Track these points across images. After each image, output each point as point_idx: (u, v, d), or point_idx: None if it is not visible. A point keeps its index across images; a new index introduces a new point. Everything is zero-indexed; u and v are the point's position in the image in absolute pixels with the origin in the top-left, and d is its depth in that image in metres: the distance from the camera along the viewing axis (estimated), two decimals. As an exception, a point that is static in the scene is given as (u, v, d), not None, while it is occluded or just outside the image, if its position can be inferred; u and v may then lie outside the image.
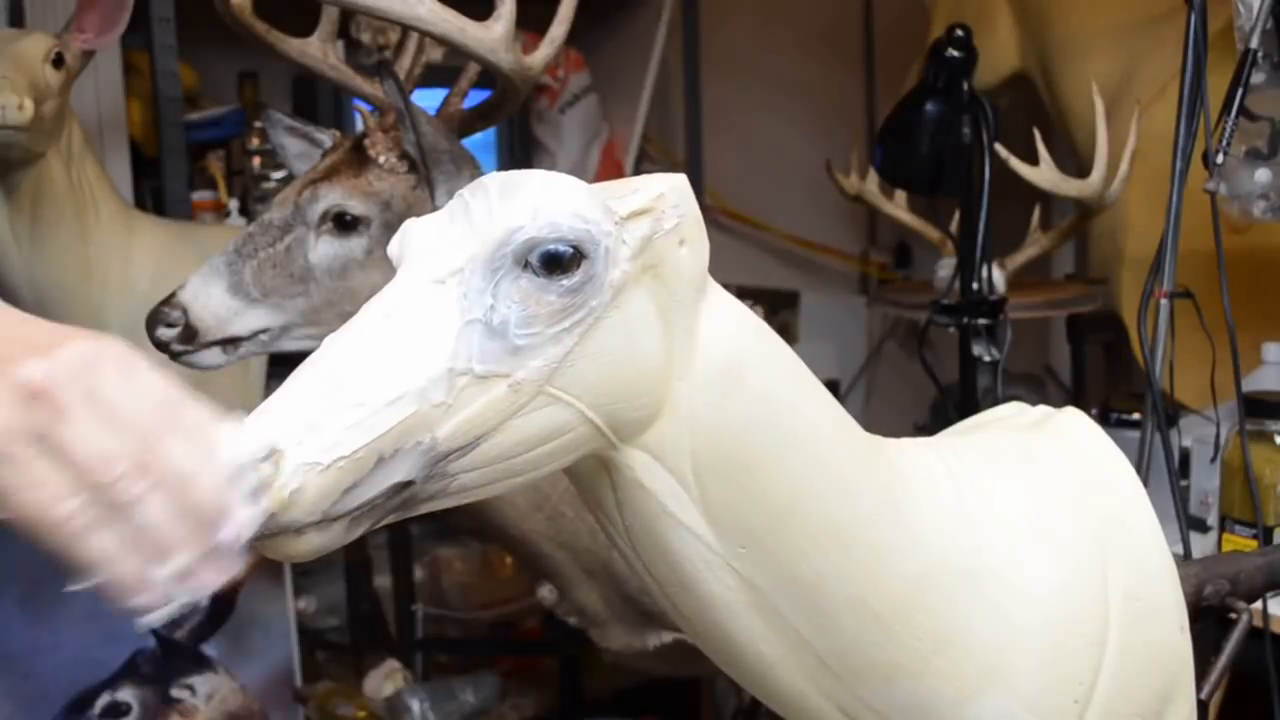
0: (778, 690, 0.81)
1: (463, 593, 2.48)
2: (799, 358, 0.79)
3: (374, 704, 2.07)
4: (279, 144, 1.51)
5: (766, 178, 3.30)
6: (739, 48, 3.19)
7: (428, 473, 0.65)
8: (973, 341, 1.74)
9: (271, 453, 0.60)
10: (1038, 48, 2.57)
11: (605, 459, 0.72)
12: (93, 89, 1.99)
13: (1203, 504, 1.67)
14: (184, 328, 1.32)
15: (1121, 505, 0.89)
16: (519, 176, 0.69)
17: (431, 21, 1.26)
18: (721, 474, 0.73)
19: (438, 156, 1.32)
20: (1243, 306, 1.41)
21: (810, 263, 3.49)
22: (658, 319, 0.70)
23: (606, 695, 2.30)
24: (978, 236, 1.72)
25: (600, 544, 1.47)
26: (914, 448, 0.87)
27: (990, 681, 0.82)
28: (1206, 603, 0.99)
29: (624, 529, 0.75)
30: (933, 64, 1.73)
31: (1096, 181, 1.96)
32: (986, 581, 0.83)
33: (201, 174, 2.32)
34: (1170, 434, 1.44)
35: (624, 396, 0.69)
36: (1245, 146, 1.53)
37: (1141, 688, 0.86)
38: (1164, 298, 1.45)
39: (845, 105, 3.45)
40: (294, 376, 0.64)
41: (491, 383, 0.65)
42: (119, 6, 1.71)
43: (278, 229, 1.35)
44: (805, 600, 0.77)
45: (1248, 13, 1.41)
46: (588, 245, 0.67)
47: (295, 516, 0.61)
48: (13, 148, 1.64)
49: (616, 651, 1.60)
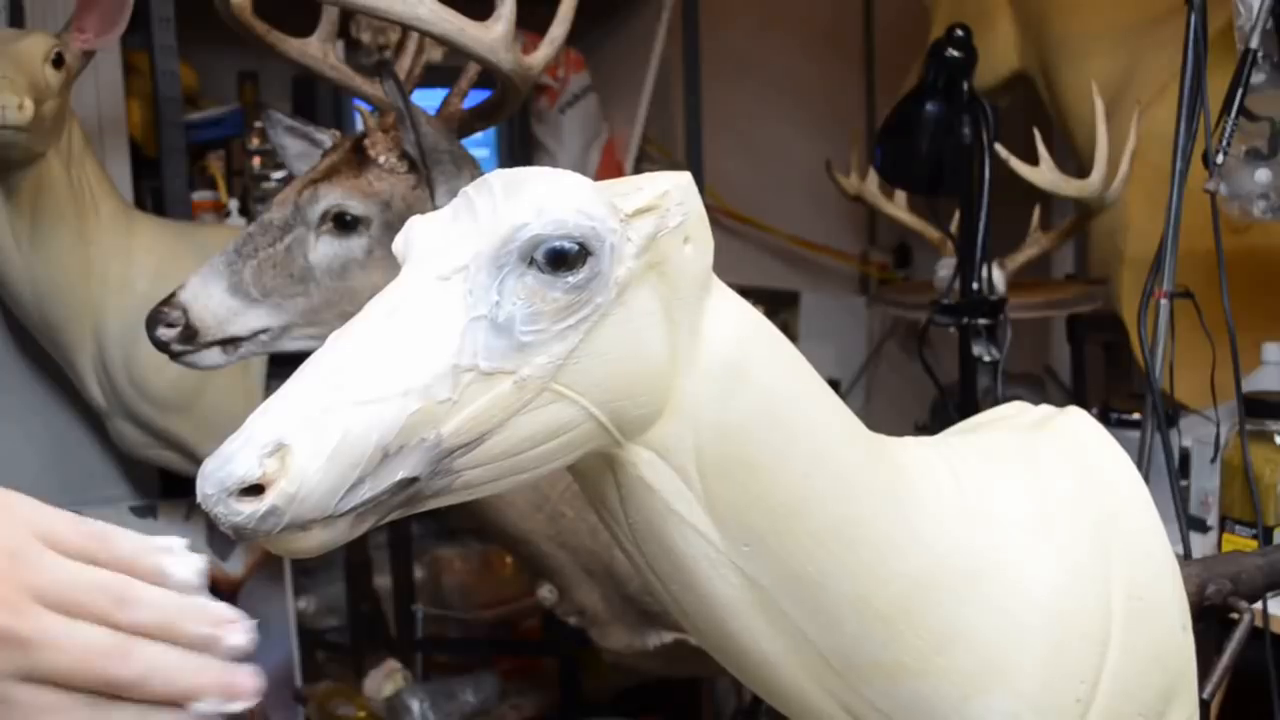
0: (780, 688, 0.81)
1: (463, 593, 2.47)
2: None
3: (374, 704, 2.07)
4: (279, 144, 1.51)
5: (766, 178, 3.30)
6: (739, 48, 3.19)
7: (433, 469, 0.65)
8: (973, 341, 1.74)
9: (277, 448, 0.60)
10: (1038, 48, 2.57)
11: (609, 456, 0.72)
12: (93, 89, 1.99)
13: (1203, 504, 1.67)
14: (184, 328, 1.32)
15: (1123, 504, 0.89)
16: (524, 174, 0.69)
17: (431, 21, 1.26)
18: (725, 471, 0.73)
19: (438, 156, 1.32)
20: (1243, 306, 1.41)
21: (810, 263, 3.49)
22: (662, 316, 0.70)
23: (606, 695, 2.29)
24: (978, 236, 1.72)
25: (601, 544, 1.47)
26: (916, 447, 0.87)
27: (993, 680, 0.82)
28: (1208, 602, 0.99)
29: (628, 526, 0.75)
30: (933, 64, 1.73)
31: (1096, 181, 1.96)
32: (989, 580, 0.83)
33: (201, 174, 2.31)
34: (1170, 434, 1.44)
35: (628, 393, 0.69)
36: (1245, 146, 1.53)
37: (1144, 687, 0.86)
38: (1164, 298, 1.45)
39: (845, 105, 3.44)
40: (299, 373, 0.64)
41: (496, 379, 0.65)
42: (119, 6, 1.71)
43: (278, 229, 1.35)
44: (808, 598, 0.77)
45: (1248, 13, 1.41)
46: (593, 242, 0.67)
47: (301, 512, 0.61)
48: (13, 148, 1.64)
49: (616, 651, 1.60)
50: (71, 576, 0.54)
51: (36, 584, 0.53)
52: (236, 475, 0.60)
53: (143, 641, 0.54)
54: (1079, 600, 0.85)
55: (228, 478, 0.60)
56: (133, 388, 1.87)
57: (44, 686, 0.53)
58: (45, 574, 0.53)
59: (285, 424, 0.61)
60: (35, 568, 0.53)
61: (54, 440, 2.03)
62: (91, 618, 0.54)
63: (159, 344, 1.33)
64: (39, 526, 0.54)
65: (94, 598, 0.54)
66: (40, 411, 2.02)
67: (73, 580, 0.54)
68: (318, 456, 0.61)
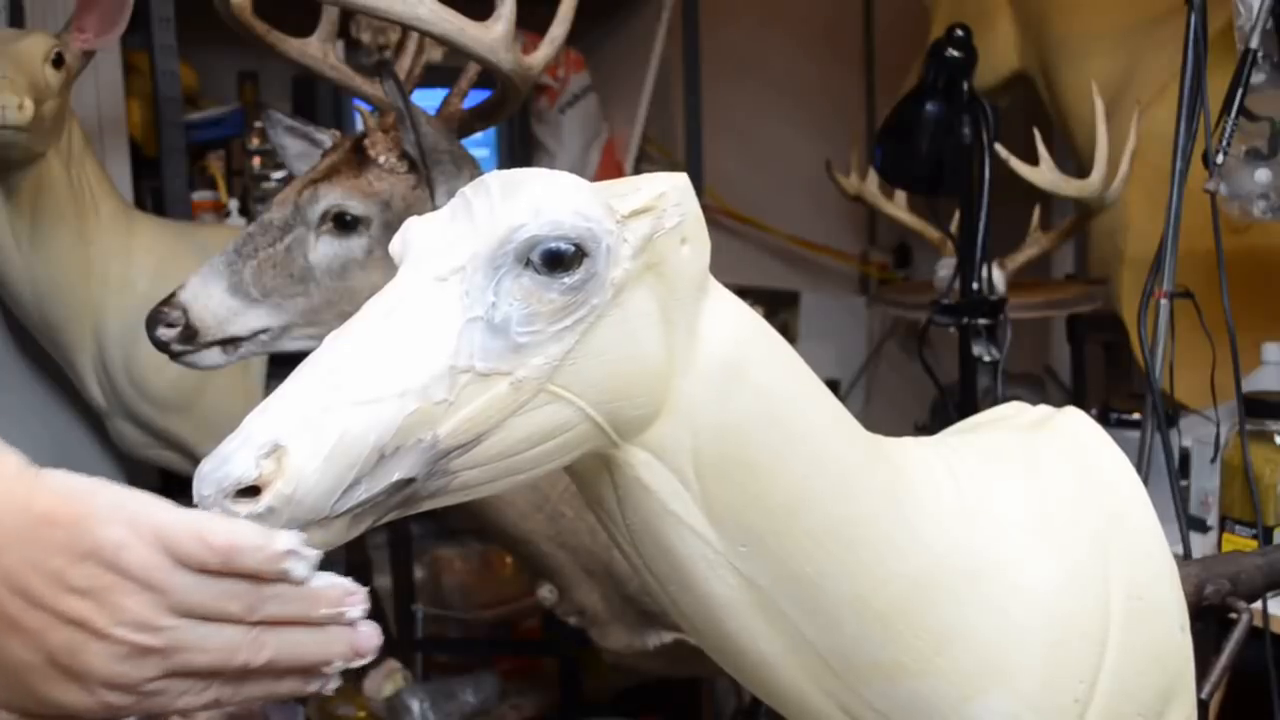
0: (779, 689, 0.81)
1: (463, 593, 2.47)
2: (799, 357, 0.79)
3: (374, 704, 2.07)
4: (279, 144, 1.51)
5: (766, 178, 3.30)
6: (739, 48, 3.19)
7: (429, 470, 0.65)
8: (973, 341, 1.74)
9: (274, 449, 0.60)
10: (1038, 48, 2.57)
11: (607, 457, 0.72)
12: (93, 89, 1.99)
13: (1203, 504, 1.67)
14: (184, 328, 1.32)
15: (1122, 504, 0.89)
16: (521, 175, 0.69)
17: (431, 21, 1.26)
18: (723, 472, 0.73)
19: (438, 156, 1.32)
20: (1243, 306, 1.41)
21: (810, 263, 3.49)
22: (659, 317, 0.70)
23: (606, 695, 2.29)
24: (978, 236, 1.72)
25: (600, 544, 1.47)
26: (915, 447, 0.87)
27: (992, 681, 0.82)
28: (1207, 602, 0.99)
29: (625, 528, 0.75)
30: (933, 64, 1.73)
31: (1096, 181, 1.96)
32: (988, 580, 0.83)
33: (201, 174, 2.31)
34: (1170, 434, 1.44)
35: (625, 394, 0.69)
36: (1245, 146, 1.53)
37: (1142, 687, 0.86)
38: (1164, 298, 1.45)
39: (845, 105, 3.44)
40: (296, 374, 0.65)
41: (493, 380, 0.65)
42: (119, 6, 1.71)
43: (278, 229, 1.35)
44: (807, 599, 0.77)
45: (1248, 13, 1.41)
46: (589, 243, 0.67)
47: (298, 513, 0.61)
48: (13, 148, 1.64)
49: (616, 651, 1.60)
50: (203, 591, 0.58)
51: (173, 602, 0.57)
52: (233, 476, 0.60)
53: (272, 630, 0.59)
54: (1078, 600, 0.85)
55: (225, 478, 0.60)
56: (133, 388, 1.87)
57: (186, 678, 0.58)
58: (179, 593, 0.57)
59: (282, 425, 0.61)
60: (169, 588, 0.57)
61: (54, 440, 2.03)
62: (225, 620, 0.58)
63: (159, 344, 1.33)
64: (167, 542, 0.57)
65: (226, 605, 0.58)
66: (40, 411, 2.02)
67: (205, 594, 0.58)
68: (315, 457, 0.61)
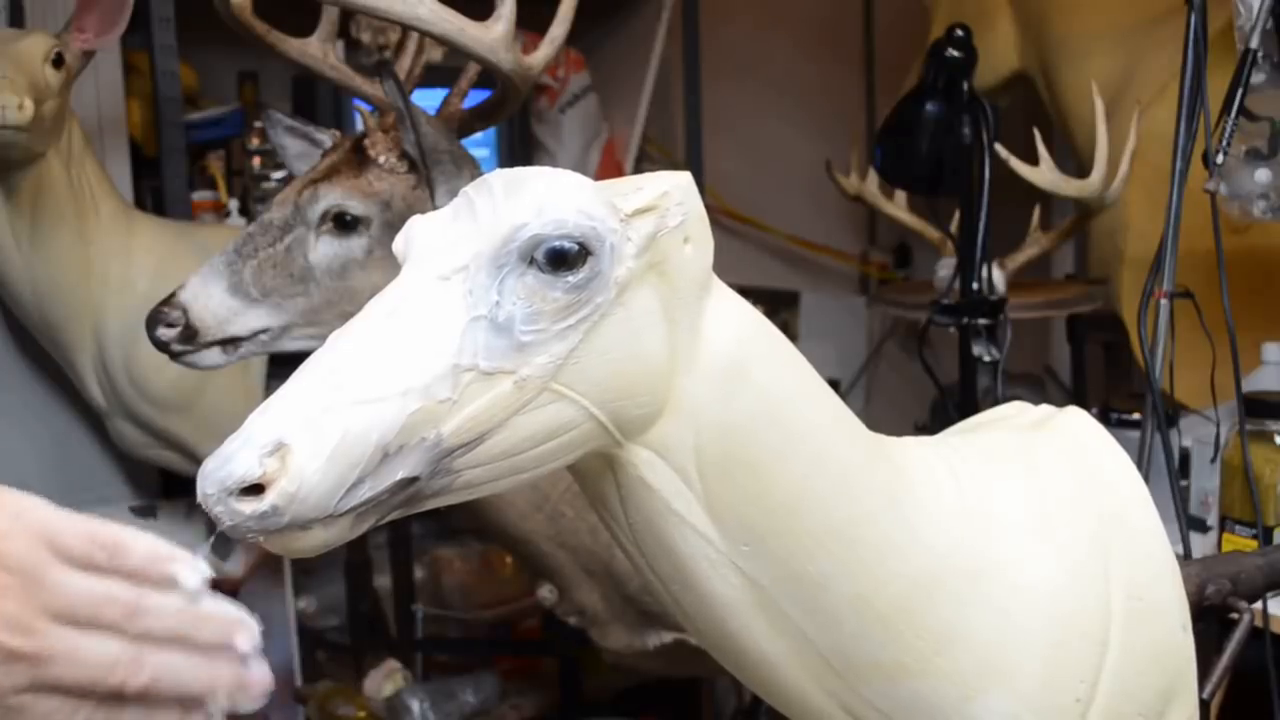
0: (781, 689, 0.81)
1: (463, 593, 2.47)
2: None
3: (374, 704, 2.07)
4: (279, 144, 1.51)
5: (766, 178, 3.30)
6: (739, 48, 3.19)
7: (433, 469, 0.65)
8: (973, 341, 1.74)
9: (277, 448, 0.60)
10: (1038, 48, 2.57)
11: (609, 456, 0.72)
12: (93, 89, 1.99)
13: (1203, 504, 1.67)
14: (184, 328, 1.32)
15: (1123, 504, 0.89)
16: (524, 174, 0.69)
17: (431, 21, 1.26)
18: (725, 471, 0.73)
19: (438, 156, 1.32)
20: (1243, 306, 1.41)
21: (810, 263, 3.49)
22: (662, 316, 0.70)
23: (606, 695, 2.29)
24: (978, 236, 1.72)
25: (601, 544, 1.47)
26: (916, 447, 0.87)
27: (992, 680, 0.82)
28: (1208, 602, 0.99)
29: (628, 526, 0.76)
30: (933, 64, 1.73)
31: (1096, 181, 1.96)
32: (988, 580, 0.83)
33: (201, 174, 2.31)
34: (1170, 434, 1.44)
35: (628, 393, 0.69)
36: (1245, 146, 1.53)
37: (1143, 687, 0.86)
38: (1164, 298, 1.45)
39: (845, 105, 3.44)
40: (299, 373, 0.65)
41: (497, 379, 0.65)
42: (119, 6, 1.71)
43: (278, 229, 1.35)
44: (808, 598, 0.77)
45: (1248, 13, 1.41)
46: (593, 242, 0.67)
47: (301, 512, 0.61)
48: (13, 148, 1.64)
49: (616, 651, 1.60)
50: (82, 591, 0.54)
51: (48, 600, 0.53)
52: (236, 475, 0.60)
53: (154, 649, 0.54)
54: (1079, 600, 0.85)
55: (228, 477, 0.60)
56: (133, 388, 1.87)
57: (56, 694, 0.53)
58: (57, 590, 0.53)
59: (285, 424, 0.61)
60: (47, 584, 0.53)
61: (54, 440, 2.03)
62: (103, 629, 0.54)
63: (159, 344, 1.33)
64: (49, 537, 0.54)
65: (105, 610, 0.54)
66: (40, 411, 2.02)
67: (84, 595, 0.54)
68: (318, 456, 0.61)
